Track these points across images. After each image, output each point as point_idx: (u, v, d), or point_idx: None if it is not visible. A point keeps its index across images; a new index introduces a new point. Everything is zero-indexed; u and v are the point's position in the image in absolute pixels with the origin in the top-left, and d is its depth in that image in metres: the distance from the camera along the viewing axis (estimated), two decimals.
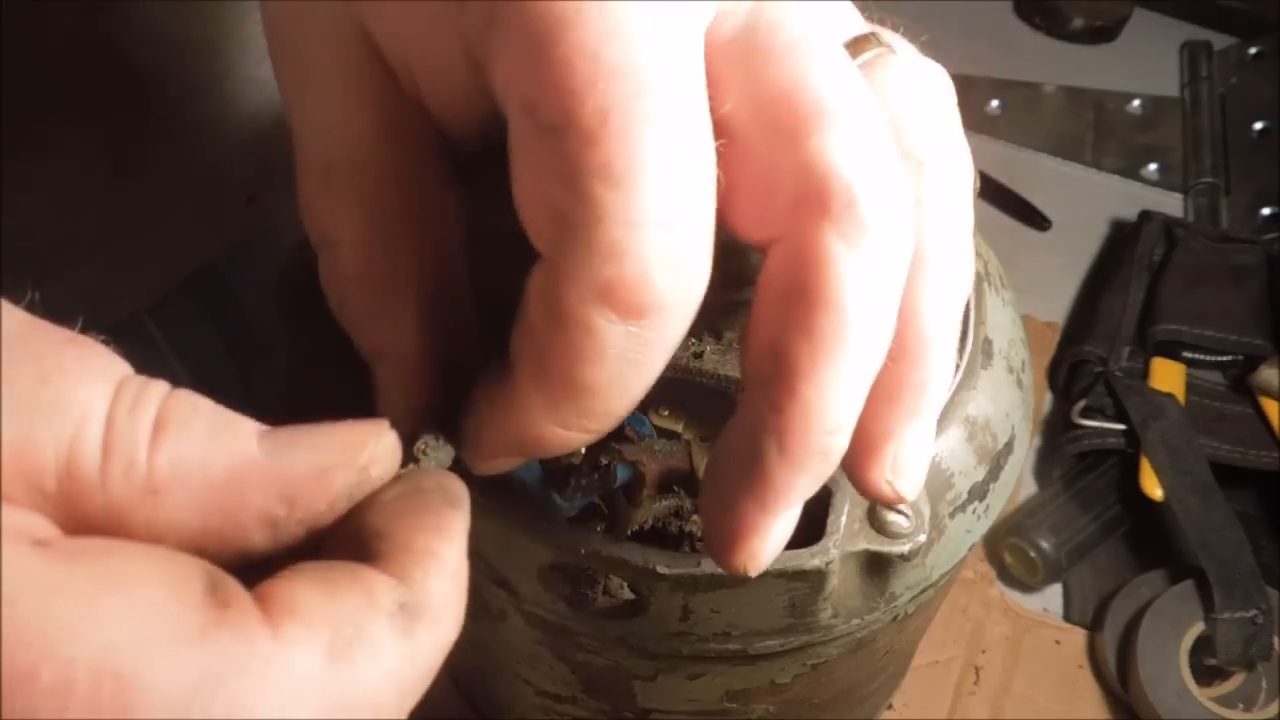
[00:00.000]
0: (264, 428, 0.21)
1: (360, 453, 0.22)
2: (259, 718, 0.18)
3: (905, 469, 0.28)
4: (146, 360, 0.22)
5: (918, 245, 0.27)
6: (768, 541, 0.27)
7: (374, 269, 0.28)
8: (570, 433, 0.26)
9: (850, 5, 0.29)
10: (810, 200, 0.24)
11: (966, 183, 0.29)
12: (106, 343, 0.21)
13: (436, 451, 0.27)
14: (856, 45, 0.28)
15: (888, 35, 0.29)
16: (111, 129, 0.51)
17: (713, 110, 0.25)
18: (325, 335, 0.38)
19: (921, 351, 0.27)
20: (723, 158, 0.25)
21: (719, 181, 0.24)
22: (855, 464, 0.28)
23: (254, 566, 0.20)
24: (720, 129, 0.25)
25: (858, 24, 0.28)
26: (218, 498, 0.20)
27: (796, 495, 0.26)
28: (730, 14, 0.26)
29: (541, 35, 0.23)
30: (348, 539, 0.22)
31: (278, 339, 0.41)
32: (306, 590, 0.20)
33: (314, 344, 0.38)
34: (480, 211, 0.30)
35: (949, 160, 0.28)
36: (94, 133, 0.51)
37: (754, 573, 0.27)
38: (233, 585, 0.19)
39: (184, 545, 0.20)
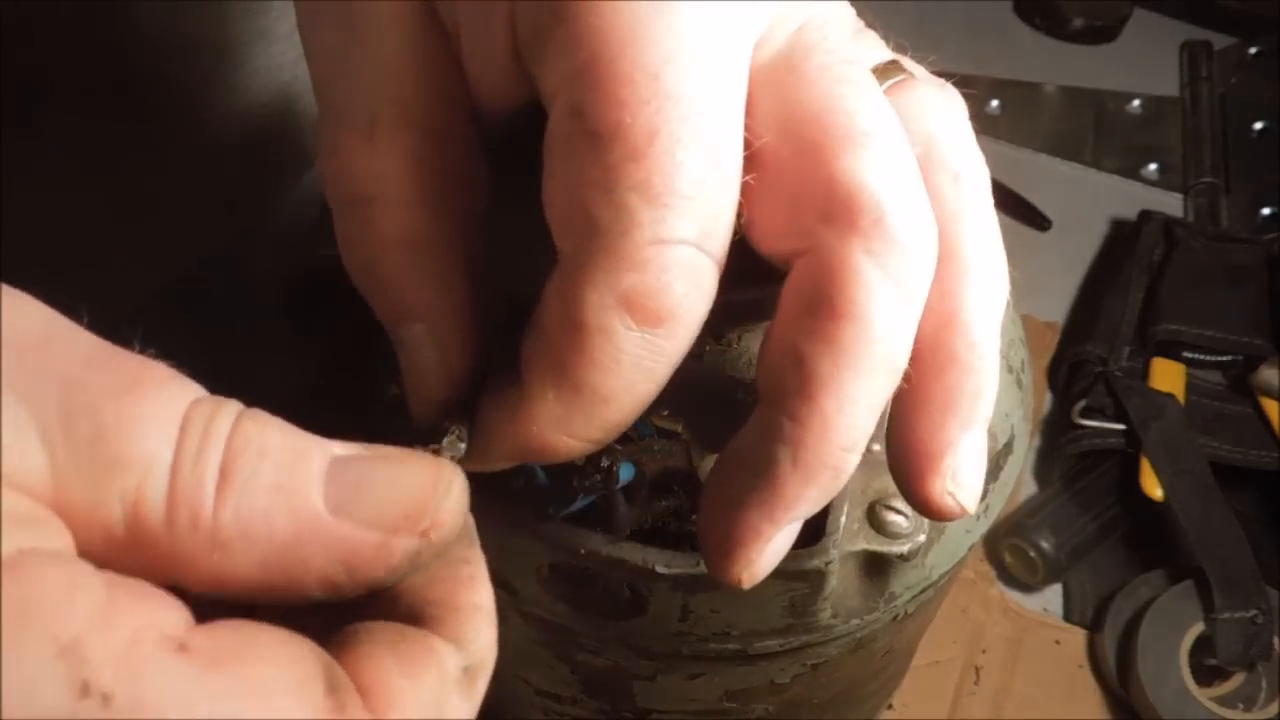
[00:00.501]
0: (338, 454, 0.22)
1: (423, 519, 0.22)
2: None
3: (966, 479, 0.28)
4: None
5: (963, 256, 0.27)
6: (768, 552, 0.27)
7: (416, 225, 0.28)
8: (576, 441, 0.26)
9: (876, 35, 0.29)
10: (839, 215, 0.25)
11: (991, 195, 0.29)
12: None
13: (455, 446, 0.27)
14: (882, 72, 0.28)
15: (908, 63, 0.30)
16: (99, 131, 0.51)
17: (746, 126, 0.25)
18: (338, 334, 0.38)
19: (975, 360, 0.27)
20: (751, 172, 0.25)
21: (745, 193, 0.25)
22: (915, 478, 0.28)
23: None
24: (751, 144, 0.25)
25: (883, 52, 0.29)
26: (281, 558, 0.21)
27: (804, 509, 0.26)
28: (769, 39, 0.26)
29: (605, 45, 0.24)
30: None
31: (270, 340, 0.41)
32: (395, 677, 0.21)
33: (323, 342, 0.38)
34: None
35: (980, 174, 0.29)
36: (80, 134, 0.51)
37: (748, 584, 0.27)
38: (345, 683, 0.20)
39: (247, 592, 0.21)
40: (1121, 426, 0.65)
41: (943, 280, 0.26)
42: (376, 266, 0.28)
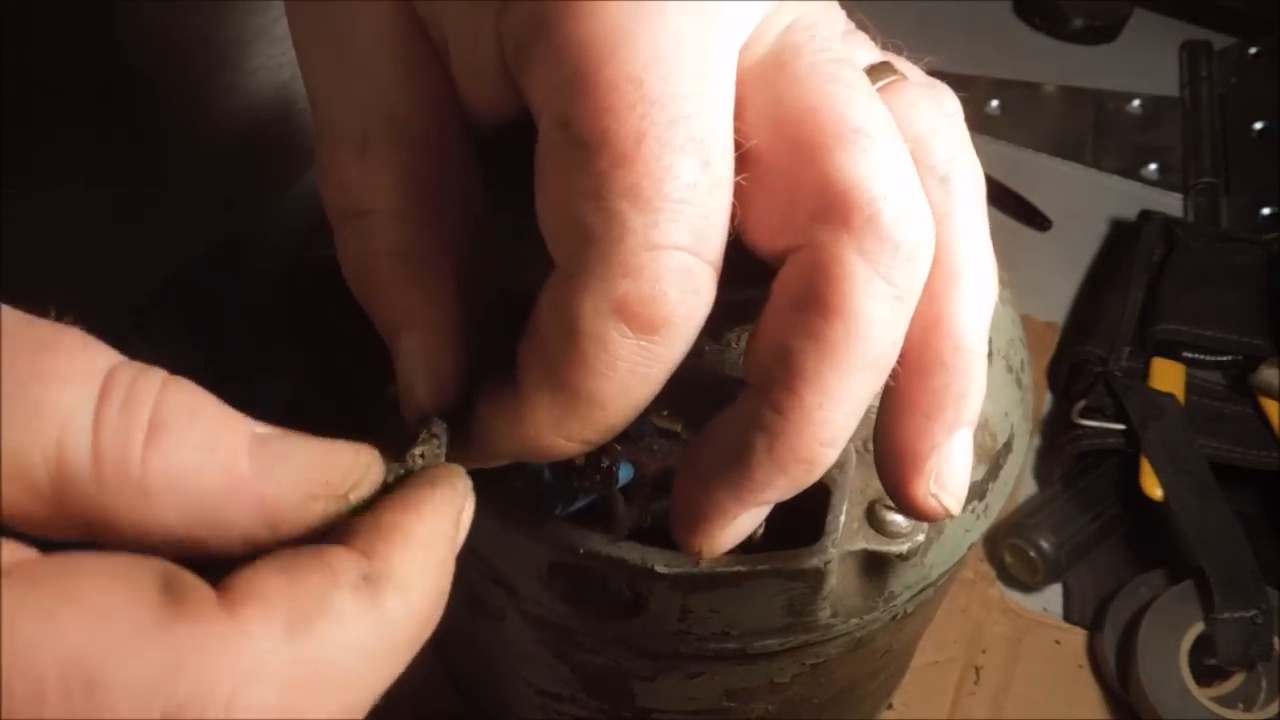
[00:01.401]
0: (259, 432, 0.22)
1: (343, 485, 0.23)
2: (225, 695, 0.19)
3: (950, 482, 0.28)
4: None
5: (950, 259, 0.27)
6: (730, 530, 0.27)
7: (409, 238, 0.28)
8: (571, 444, 0.26)
9: (865, 37, 0.29)
10: (832, 213, 0.25)
11: (983, 197, 0.29)
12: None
13: (432, 453, 0.27)
14: (873, 73, 0.28)
15: (900, 63, 0.30)
16: (97, 130, 0.51)
17: (736, 127, 0.25)
18: (336, 333, 0.38)
19: (960, 363, 0.27)
20: (743, 172, 0.25)
21: (738, 193, 0.25)
22: (899, 481, 0.28)
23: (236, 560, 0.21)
24: (742, 144, 0.25)
25: (873, 54, 0.29)
26: (206, 512, 0.21)
27: (771, 495, 0.27)
28: (758, 39, 0.26)
29: (588, 54, 0.24)
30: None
31: (269, 340, 0.41)
32: (269, 575, 0.20)
33: (322, 341, 0.38)
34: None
35: (970, 176, 0.29)
36: (79, 133, 0.51)
37: (707, 556, 0.28)
38: (190, 580, 0.20)
39: (169, 546, 0.21)
40: (1121, 426, 0.65)
41: (930, 283, 0.26)
42: (370, 277, 0.29)
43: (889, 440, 0.28)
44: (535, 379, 0.26)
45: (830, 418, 0.25)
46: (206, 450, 0.21)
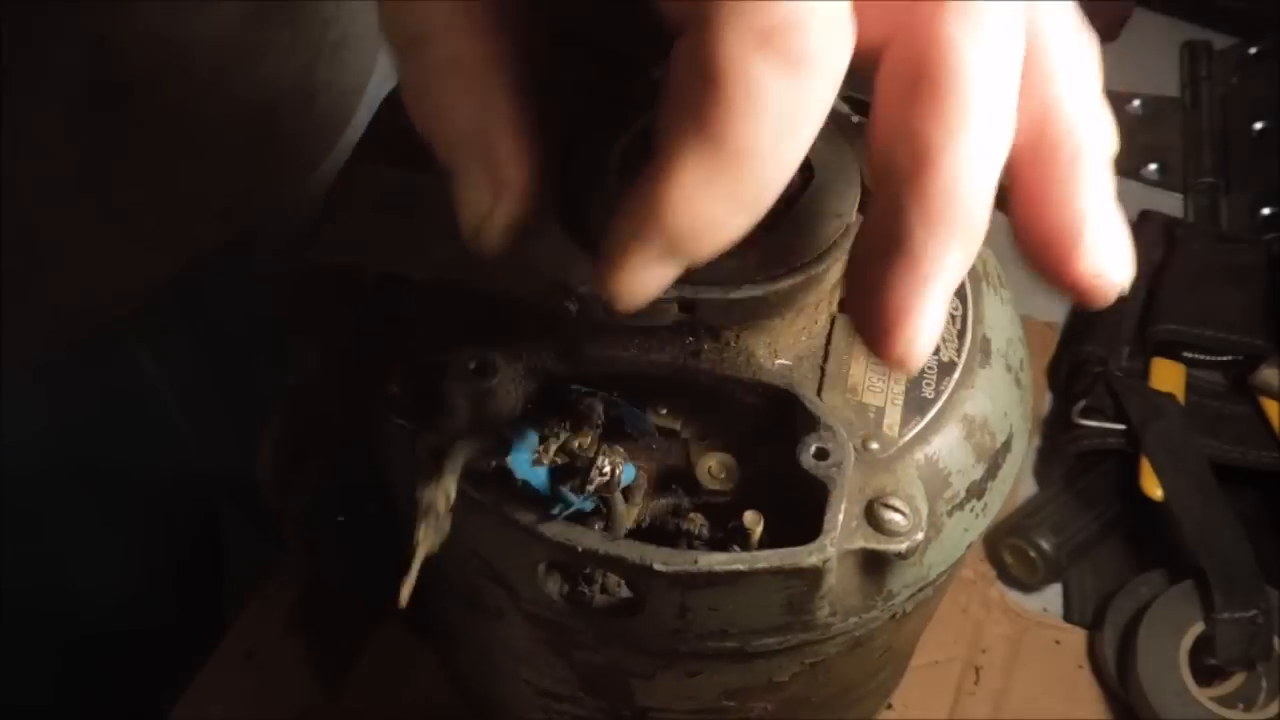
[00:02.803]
0: None
1: None
2: None
3: (1109, 251, 0.28)
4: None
5: (1045, 43, 0.27)
6: (923, 324, 0.26)
7: (468, 52, 0.28)
8: (726, 214, 0.25)
9: None
10: None
11: None
12: None
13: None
14: None
15: None
16: (98, 132, 0.51)
17: None
18: (336, 333, 0.39)
19: (1083, 134, 0.28)
20: None
21: None
22: (1056, 266, 0.28)
23: None
24: None
25: None
26: None
27: (945, 271, 0.26)
28: None
29: None
30: None
31: (269, 340, 0.41)
32: None
33: (323, 341, 0.38)
34: None
35: None
36: (79, 135, 0.51)
37: (914, 362, 0.27)
38: None
39: None
40: (1121, 426, 0.65)
41: (1032, 70, 0.27)
42: (428, 96, 0.28)
43: (1031, 234, 0.28)
44: (678, 138, 0.24)
45: (969, 175, 0.25)
46: None
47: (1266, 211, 0.79)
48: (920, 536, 0.34)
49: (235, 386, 0.69)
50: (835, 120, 0.38)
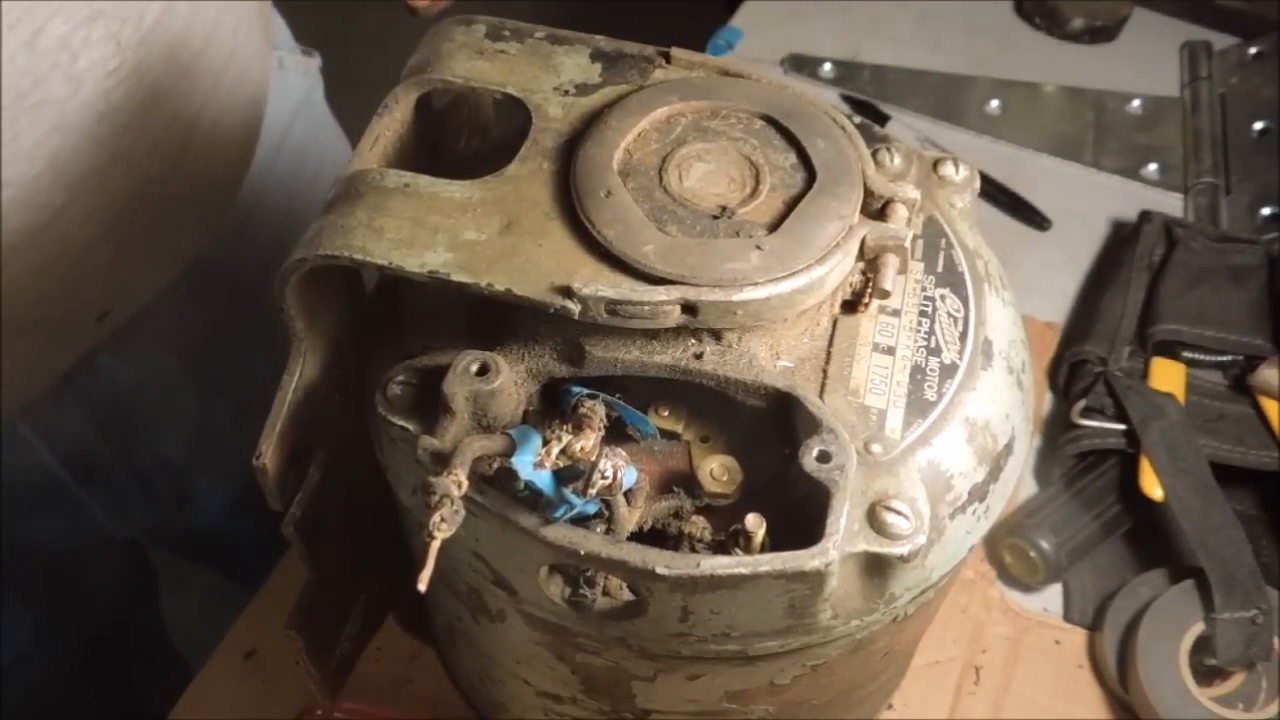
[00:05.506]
0: None
1: None
2: None
3: None
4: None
5: None
6: None
7: None
8: None
9: None
10: None
11: None
12: None
13: None
14: None
15: None
16: (99, 135, 0.51)
17: None
18: (337, 332, 0.38)
19: None
20: None
21: None
22: None
23: None
24: None
25: None
26: None
27: None
28: None
29: None
30: None
31: (269, 340, 0.41)
32: None
33: (323, 341, 0.38)
34: None
35: None
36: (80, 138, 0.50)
37: None
38: None
39: None
40: (1121, 426, 0.65)
41: None
42: None
43: None
44: None
45: None
46: None
47: (1266, 211, 0.79)
48: (922, 539, 0.34)
49: (238, 384, 0.68)
50: (836, 121, 0.38)
